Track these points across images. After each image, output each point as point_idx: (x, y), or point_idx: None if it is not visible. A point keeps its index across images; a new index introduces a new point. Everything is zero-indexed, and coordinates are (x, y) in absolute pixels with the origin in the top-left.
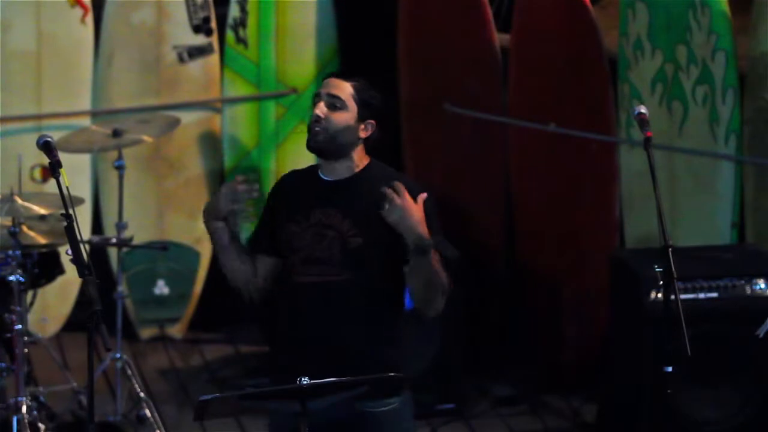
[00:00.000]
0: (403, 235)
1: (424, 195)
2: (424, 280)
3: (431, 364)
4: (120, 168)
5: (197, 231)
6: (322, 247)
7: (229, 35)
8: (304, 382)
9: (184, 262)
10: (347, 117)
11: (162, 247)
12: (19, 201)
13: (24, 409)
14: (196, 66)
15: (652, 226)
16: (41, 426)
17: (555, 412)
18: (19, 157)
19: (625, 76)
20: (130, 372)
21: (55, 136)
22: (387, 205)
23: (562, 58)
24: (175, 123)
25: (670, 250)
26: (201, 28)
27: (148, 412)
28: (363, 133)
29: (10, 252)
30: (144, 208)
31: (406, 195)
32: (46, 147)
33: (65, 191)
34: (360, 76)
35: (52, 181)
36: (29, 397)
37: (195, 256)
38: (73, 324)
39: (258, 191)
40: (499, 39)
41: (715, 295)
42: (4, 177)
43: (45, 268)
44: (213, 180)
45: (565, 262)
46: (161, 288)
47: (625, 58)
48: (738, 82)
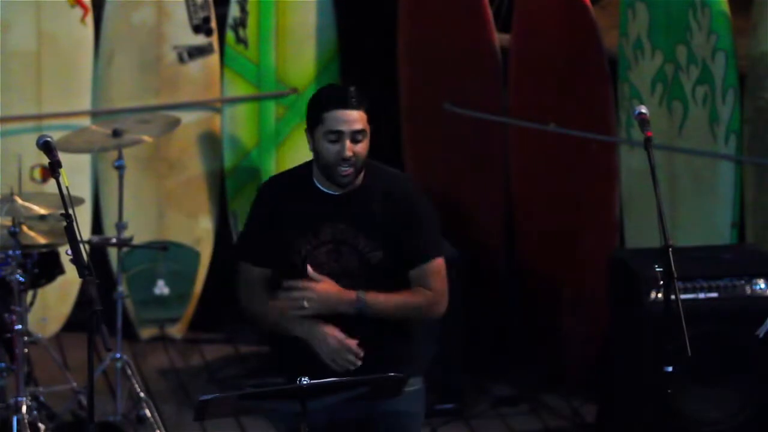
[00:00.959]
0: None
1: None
2: (396, 317)
3: (431, 364)
4: (120, 168)
5: (197, 231)
6: (340, 263)
7: (229, 35)
8: (304, 382)
9: (184, 262)
10: (367, 142)
11: (162, 247)
12: (19, 201)
13: (24, 409)
14: (196, 66)
15: (652, 226)
16: (41, 426)
17: (555, 412)
18: (19, 157)
19: (625, 76)
20: (130, 372)
21: (55, 136)
22: (304, 303)
23: (562, 58)
24: (175, 123)
25: (670, 250)
26: (201, 28)
27: (148, 412)
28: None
29: (10, 252)
30: (144, 208)
31: (311, 287)
32: (46, 147)
33: (65, 191)
34: (353, 82)
35: (52, 181)
36: (29, 397)
37: (195, 256)
38: (73, 324)
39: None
40: (499, 39)
41: (715, 295)
42: (4, 177)
43: (45, 268)
44: (213, 180)
45: (565, 262)
46: (161, 288)
47: (625, 58)
48: (738, 82)
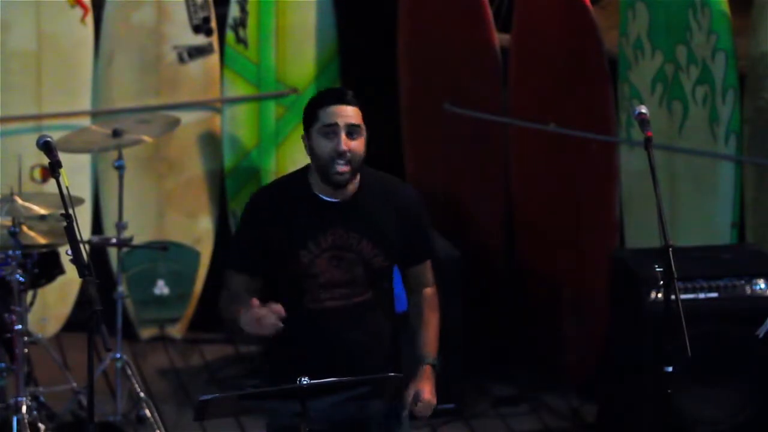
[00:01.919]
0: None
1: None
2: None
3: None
4: (120, 168)
5: (197, 231)
6: (342, 270)
7: (229, 35)
8: (304, 382)
9: (184, 262)
10: (363, 141)
11: (162, 247)
12: (19, 201)
13: (24, 409)
14: (196, 66)
15: (652, 226)
16: (41, 426)
17: (555, 412)
18: (19, 157)
19: (625, 76)
20: (130, 372)
21: (55, 136)
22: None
23: (562, 58)
24: (175, 123)
25: (670, 250)
26: (201, 28)
27: (148, 412)
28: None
29: (10, 252)
30: (144, 208)
31: (422, 402)
32: (46, 147)
33: (65, 191)
34: (353, 82)
35: (52, 181)
36: (29, 397)
37: (195, 256)
38: (73, 324)
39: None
40: (499, 39)
41: (715, 295)
42: (4, 177)
43: (45, 268)
44: (213, 180)
45: (565, 262)
46: (161, 288)
47: (625, 58)
48: (738, 82)
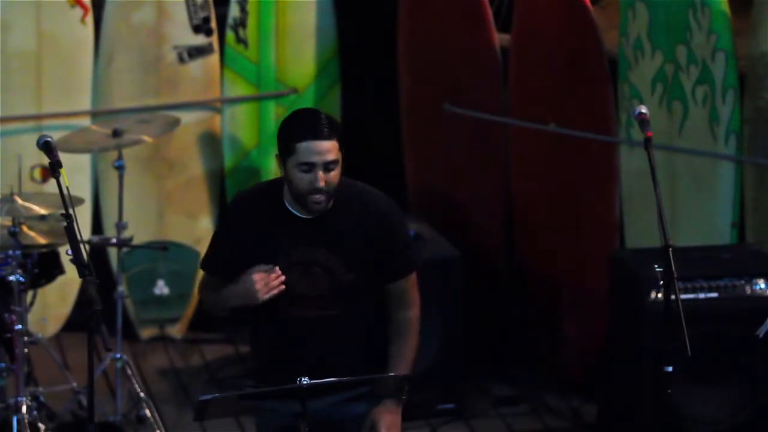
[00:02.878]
0: (386, 264)
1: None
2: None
3: (431, 363)
4: (120, 168)
5: (197, 231)
6: (310, 285)
7: (229, 35)
8: (304, 382)
9: (184, 262)
10: (339, 169)
11: (162, 247)
12: (19, 201)
13: (24, 409)
14: (196, 66)
15: (652, 226)
16: (41, 426)
17: (555, 412)
18: (19, 157)
19: (625, 76)
20: (130, 372)
21: (55, 136)
22: None
23: (562, 58)
24: (175, 123)
25: (670, 250)
26: (201, 28)
27: (148, 412)
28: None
29: (10, 252)
30: (144, 208)
31: (377, 427)
32: (46, 147)
33: (65, 191)
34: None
35: (52, 181)
36: (29, 397)
37: (195, 256)
38: (73, 324)
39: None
40: (499, 39)
41: (715, 295)
42: (4, 177)
43: (45, 268)
44: (213, 180)
45: (565, 262)
46: (161, 288)
47: (625, 58)
48: (738, 82)
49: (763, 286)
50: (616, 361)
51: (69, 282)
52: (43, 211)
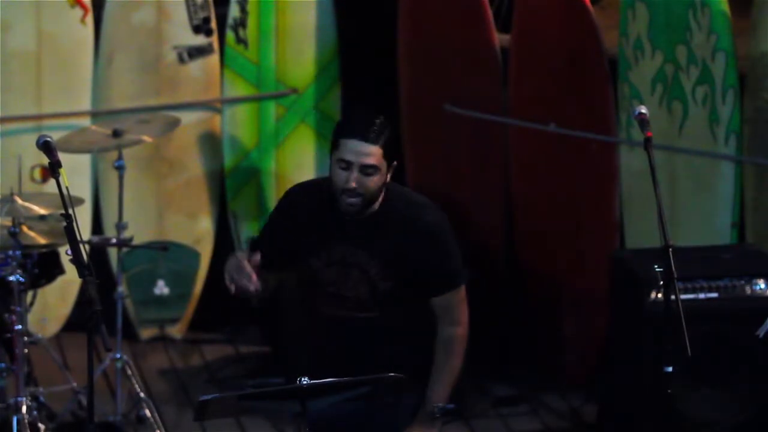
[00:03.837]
0: (429, 278)
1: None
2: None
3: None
4: (120, 168)
5: (197, 231)
6: (348, 286)
7: (229, 35)
8: (305, 382)
9: (184, 262)
10: (380, 178)
11: (162, 247)
12: (19, 201)
13: (24, 409)
14: (196, 66)
15: (652, 226)
16: (41, 426)
17: (555, 412)
18: (19, 157)
19: (625, 76)
20: (130, 372)
21: (55, 136)
22: None
23: (562, 58)
24: (175, 123)
25: (670, 250)
26: (201, 28)
27: (148, 412)
28: (389, 177)
29: (10, 252)
30: (144, 208)
31: None
32: (46, 147)
33: (65, 191)
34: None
35: (52, 181)
36: (29, 397)
37: (195, 256)
38: (73, 324)
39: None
40: (499, 39)
41: (715, 295)
42: (4, 177)
43: (45, 268)
44: (213, 180)
45: (565, 262)
46: (161, 288)
47: (625, 58)
48: (738, 82)
49: (763, 286)
50: (616, 361)
51: (69, 282)
52: (43, 211)
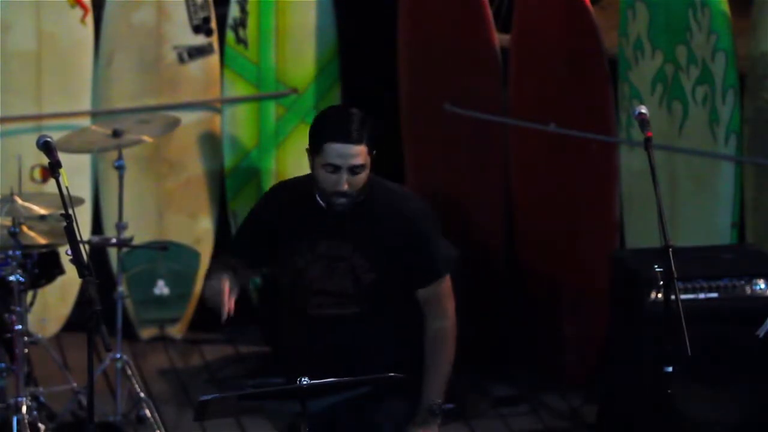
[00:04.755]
0: (413, 269)
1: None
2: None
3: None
4: (120, 168)
5: (197, 231)
6: (334, 280)
7: (229, 35)
8: (304, 382)
9: (184, 262)
10: (366, 173)
11: (162, 247)
12: (19, 201)
13: (24, 409)
14: (196, 66)
15: (652, 226)
16: (41, 426)
17: (555, 412)
18: (19, 157)
19: (625, 76)
20: (130, 372)
21: (55, 136)
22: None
23: (562, 58)
24: (175, 123)
25: (670, 250)
26: (201, 28)
27: (148, 412)
28: (371, 167)
29: (10, 252)
30: (144, 208)
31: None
32: (46, 147)
33: (65, 191)
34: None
35: (52, 181)
36: (29, 397)
37: (195, 256)
38: (73, 324)
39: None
40: (499, 39)
41: (715, 295)
42: (4, 177)
43: (45, 268)
44: (213, 180)
45: (565, 262)
46: (161, 288)
47: (625, 58)
48: (738, 82)
49: (763, 286)
50: (616, 361)
51: (69, 282)
52: (43, 211)
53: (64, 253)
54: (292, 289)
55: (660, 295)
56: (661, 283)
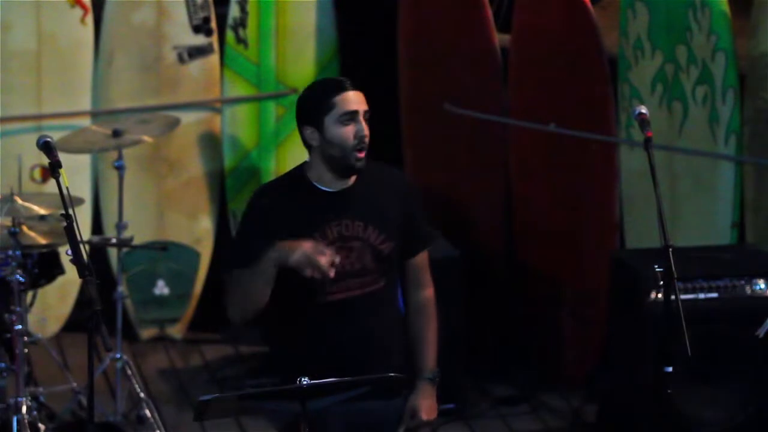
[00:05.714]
0: (412, 236)
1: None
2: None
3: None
4: (120, 168)
5: (197, 231)
6: (352, 260)
7: (229, 35)
8: (304, 382)
9: (184, 262)
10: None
11: (162, 247)
12: (19, 201)
13: (24, 409)
14: (196, 66)
15: (652, 226)
16: (41, 426)
17: (555, 412)
18: (19, 157)
19: (625, 76)
20: (130, 372)
21: (55, 136)
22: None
23: (562, 58)
24: (175, 123)
25: (670, 250)
26: (201, 28)
27: (148, 412)
28: None
29: (10, 252)
30: (144, 208)
31: (418, 420)
32: (46, 147)
33: (65, 191)
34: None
35: (52, 181)
36: (29, 397)
37: (195, 256)
38: (73, 324)
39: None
40: (499, 39)
41: (715, 295)
42: (4, 177)
43: (45, 268)
44: (213, 180)
45: (565, 262)
46: (161, 288)
47: (625, 58)
48: (738, 82)
49: (763, 286)
50: (616, 361)
51: (69, 282)
52: (43, 211)
53: (64, 253)
54: (304, 283)
55: (660, 295)
56: (661, 283)
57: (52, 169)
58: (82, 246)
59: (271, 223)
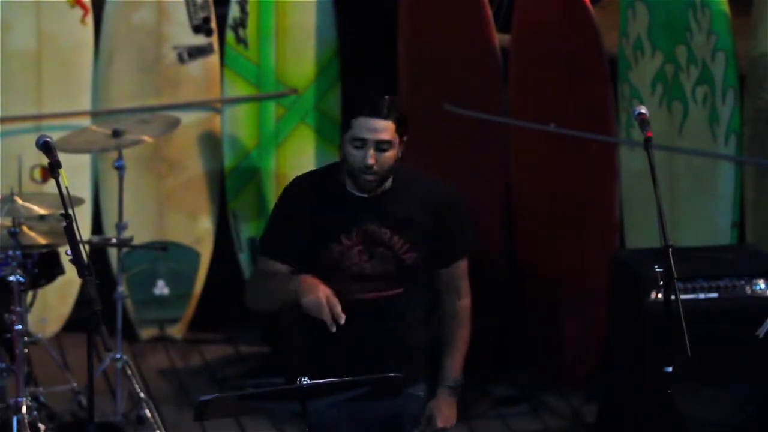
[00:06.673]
0: (443, 248)
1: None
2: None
3: (431, 363)
4: (120, 168)
5: (197, 231)
6: (373, 264)
7: (229, 35)
8: (305, 382)
9: (184, 262)
10: (394, 153)
11: (162, 247)
12: (19, 201)
13: (24, 409)
14: (196, 66)
15: (652, 226)
16: (41, 426)
17: (555, 412)
18: (19, 157)
19: (625, 76)
20: (130, 372)
21: (55, 136)
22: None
23: (562, 58)
24: (175, 123)
25: (670, 250)
26: (201, 28)
27: (148, 412)
28: (401, 152)
29: (10, 252)
30: (144, 208)
31: (434, 422)
32: (46, 147)
33: (65, 191)
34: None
35: (52, 181)
36: (29, 397)
37: (195, 256)
38: (73, 324)
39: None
40: (499, 39)
41: (715, 295)
42: (4, 177)
43: (45, 268)
44: (213, 180)
45: (565, 262)
46: (161, 288)
47: (625, 58)
48: (738, 82)
49: (763, 286)
50: (616, 361)
51: (69, 282)
52: (43, 211)
53: (64, 253)
54: (328, 279)
55: (660, 295)
56: (661, 283)
57: (52, 169)
58: (81, 246)
59: (301, 216)
